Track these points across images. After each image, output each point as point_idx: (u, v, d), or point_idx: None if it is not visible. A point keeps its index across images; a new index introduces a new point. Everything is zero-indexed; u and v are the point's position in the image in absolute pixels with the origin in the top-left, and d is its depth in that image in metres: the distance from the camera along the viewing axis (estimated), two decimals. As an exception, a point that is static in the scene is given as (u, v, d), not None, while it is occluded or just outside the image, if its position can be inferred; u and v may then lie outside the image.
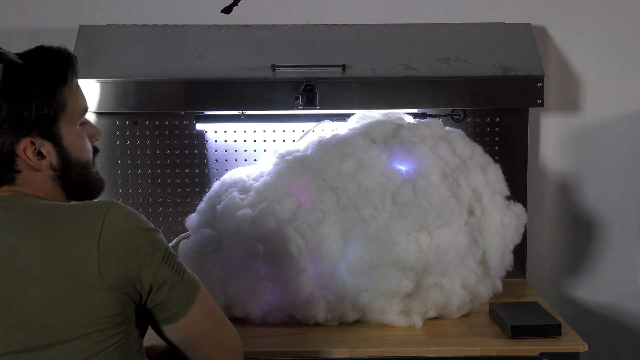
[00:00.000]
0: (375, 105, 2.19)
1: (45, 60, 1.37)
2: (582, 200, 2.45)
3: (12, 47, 2.34)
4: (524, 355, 1.79)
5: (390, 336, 1.88)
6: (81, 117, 1.42)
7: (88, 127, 1.45)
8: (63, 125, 1.37)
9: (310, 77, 2.15)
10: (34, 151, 1.36)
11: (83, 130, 1.43)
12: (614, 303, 2.49)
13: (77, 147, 1.40)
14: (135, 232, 1.31)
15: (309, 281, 1.90)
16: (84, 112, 1.42)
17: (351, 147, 2.00)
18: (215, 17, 2.12)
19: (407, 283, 1.90)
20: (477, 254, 2.00)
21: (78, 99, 1.41)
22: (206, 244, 2.01)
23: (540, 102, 2.21)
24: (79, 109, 1.41)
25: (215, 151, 2.34)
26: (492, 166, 2.08)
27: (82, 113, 1.42)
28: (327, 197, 1.95)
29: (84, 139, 1.43)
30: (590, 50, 2.39)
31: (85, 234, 1.27)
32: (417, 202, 1.92)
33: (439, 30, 2.31)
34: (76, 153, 1.40)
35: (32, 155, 1.36)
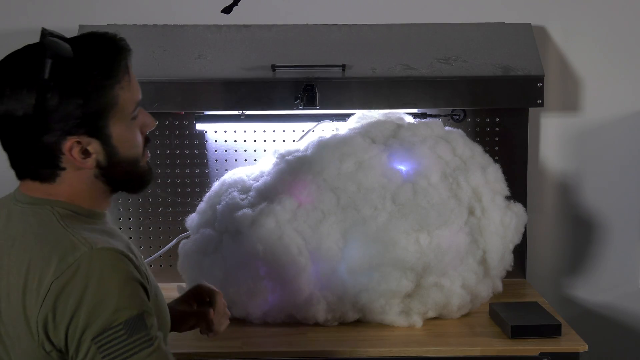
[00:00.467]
0: (375, 105, 2.19)
1: (97, 52, 1.27)
2: (582, 200, 2.45)
3: (12, 48, 2.35)
4: (524, 355, 1.79)
5: (390, 336, 1.88)
6: (134, 111, 1.31)
7: (140, 117, 1.34)
8: (113, 123, 1.28)
9: (310, 77, 2.15)
10: (80, 150, 1.27)
11: (135, 122, 1.32)
12: (614, 303, 2.48)
13: (126, 144, 1.31)
14: (80, 299, 1.19)
15: (309, 281, 1.90)
16: (136, 105, 1.32)
17: (351, 147, 2.00)
18: (215, 17, 2.12)
19: (407, 283, 1.90)
20: (477, 254, 2.00)
21: (130, 92, 1.30)
22: (206, 244, 2.01)
23: (540, 102, 2.21)
24: (131, 103, 1.30)
25: (215, 151, 2.34)
26: (492, 166, 2.08)
27: (135, 107, 1.32)
28: (327, 197, 1.95)
29: (135, 132, 1.32)
30: (590, 50, 2.39)
31: (38, 281, 1.22)
32: (417, 202, 1.92)
33: (439, 30, 2.31)
34: (125, 150, 1.31)
35: (78, 155, 1.27)
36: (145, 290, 1.25)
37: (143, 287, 1.24)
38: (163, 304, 1.39)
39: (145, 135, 1.36)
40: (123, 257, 1.23)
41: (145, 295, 1.24)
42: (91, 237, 1.25)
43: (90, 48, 1.27)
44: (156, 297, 1.34)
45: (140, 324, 1.21)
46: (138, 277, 1.24)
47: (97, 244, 1.23)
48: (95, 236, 1.26)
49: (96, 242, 1.24)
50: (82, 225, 1.29)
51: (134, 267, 1.24)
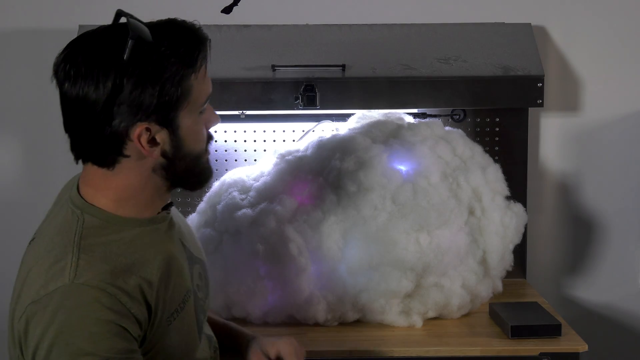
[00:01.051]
0: (375, 105, 2.19)
1: (177, 40, 1.24)
2: (582, 200, 2.45)
3: (12, 47, 2.35)
4: (524, 355, 1.79)
5: (390, 336, 1.88)
6: (204, 105, 1.29)
7: (207, 112, 1.31)
8: (184, 114, 1.25)
9: (310, 77, 2.15)
10: (148, 138, 1.23)
11: (202, 116, 1.30)
12: (614, 303, 2.49)
13: (193, 138, 1.28)
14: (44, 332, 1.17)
15: (309, 281, 1.90)
16: (207, 98, 1.29)
17: (351, 147, 2.00)
18: (215, 17, 2.12)
19: (407, 283, 1.90)
20: (477, 254, 2.00)
21: (204, 85, 1.27)
22: (206, 244, 2.01)
23: (540, 102, 2.21)
24: (203, 95, 1.28)
25: (215, 151, 2.34)
26: (492, 166, 2.08)
27: (206, 101, 1.29)
28: (327, 197, 1.95)
29: (201, 127, 1.30)
30: (590, 50, 2.39)
31: (25, 297, 1.22)
32: (417, 202, 1.92)
33: (439, 30, 2.31)
34: (190, 143, 1.28)
35: (146, 143, 1.23)
36: (127, 330, 1.20)
37: (124, 327, 1.19)
38: (184, 330, 1.34)
39: (209, 132, 1.33)
40: (104, 295, 1.18)
41: (123, 337, 1.19)
42: (91, 262, 1.21)
43: (170, 35, 1.25)
44: (172, 323, 1.30)
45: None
46: (115, 318, 1.18)
47: (81, 277, 1.18)
48: (97, 263, 1.21)
49: (84, 273, 1.19)
50: (106, 239, 1.25)
51: (120, 305, 1.19)
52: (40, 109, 2.36)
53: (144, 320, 1.24)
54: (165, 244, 1.33)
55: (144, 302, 1.24)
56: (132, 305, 1.22)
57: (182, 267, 1.36)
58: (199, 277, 1.44)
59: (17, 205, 2.40)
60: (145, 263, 1.28)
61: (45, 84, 2.35)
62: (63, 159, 2.35)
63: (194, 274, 1.41)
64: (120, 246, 1.26)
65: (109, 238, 1.26)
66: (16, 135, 2.39)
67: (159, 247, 1.32)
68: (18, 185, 2.40)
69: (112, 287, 1.20)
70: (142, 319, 1.23)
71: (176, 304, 1.32)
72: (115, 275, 1.21)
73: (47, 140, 2.38)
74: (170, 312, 1.30)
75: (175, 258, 1.34)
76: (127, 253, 1.26)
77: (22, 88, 2.36)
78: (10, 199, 2.40)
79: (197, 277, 1.43)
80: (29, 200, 2.38)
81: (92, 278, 1.19)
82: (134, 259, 1.26)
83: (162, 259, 1.30)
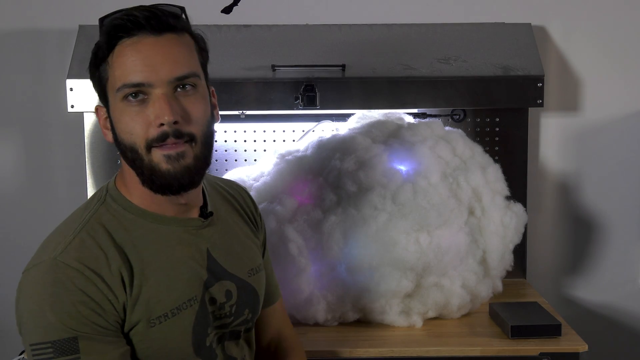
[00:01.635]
0: (375, 105, 2.19)
1: (105, 28, 1.26)
2: (582, 200, 2.45)
3: (12, 48, 2.35)
4: (524, 355, 1.79)
5: (390, 336, 1.88)
6: (119, 91, 1.24)
7: (149, 106, 1.24)
8: (111, 99, 1.26)
9: (310, 77, 2.15)
10: (103, 118, 1.31)
11: (129, 107, 1.24)
12: (614, 303, 2.49)
13: (120, 126, 1.26)
14: (20, 305, 1.25)
15: (309, 281, 1.90)
16: (122, 87, 1.24)
17: (351, 147, 2.00)
18: (215, 17, 2.12)
19: (407, 283, 1.90)
20: (477, 254, 2.00)
21: (118, 71, 1.24)
22: (206, 244, 2.01)
23: (540, 102, 2.21)
24: (116, 82, 1.24)
25: (215, 151, 2.33)
26: (492, 166, 2.08)
27: (121, 88, 1.24)
28: (327, 197, 1.95)
29: (128, 118, 1.24)
30: (590, 50, 2.39)
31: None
32: (417, 202, 1.92)
33: (439, 30, 2.31)
34: (120, 132, 1.26)
35: (102, 122, 1.31)
36: (99, 314, 1.23)
37: (95, 311, 1.22)
38: (167, 332, 1.32)
39: (164, 129, 1.24)
40: (79, 276, 1.22)
41: (93, 320, 1.22)
42: (83, 243, 1.25)
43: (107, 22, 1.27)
44: (152, 321, 1.29)
45: (71, 347, 1.21)
46: (86, 300, 1.21)
47: (66, 255, 1.22)
48: (89, 245, 1.25)
49: (71, 252, 1.23)
50: (116, 224, 1.29)
51: (95, 290, 1.22)
52: (40, 109, 2.36)
53: (120, 308, 1.25)
54: (178, 246, 1.33)
55: (123, 293, 1.26)
56: (108, 292, 1.24)
57: (192, 275, 1.34)
58: (225, 294, 1.39)
59: (17, 205, 2.40)
60: (142, 258, 1.28)
61: (45, 84, 2.37)
62: (63, 159, 2.37)
63: (214, 289, 1.37)
64: (125, 236, 1.28)
65: (118, 225, 1.29)
66: (16, 135, 2.39)
67: (168, 248, 1.32)
68: (18, 185, 2.40)
69: (89, 271, 1.23)
70: (118, 307, 1.25)
71: (166, 308, 1.30)
72: (99, 260, 1.25)
73: (47, 140, 2.38)
74: (157, 315, 1.29)
75: (184, 263, 1.33)
76: (126, 243, 1.28)
77: (22, 88, 2.37)
78: (10, 198, 2.40)
79: (221, 293, 1.38)
80: (29, 200, 2.39)
81: (75, 258, 1.23)
82: (131, 250, 1.28)
83: (166, 259, 1.30)
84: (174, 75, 1.24)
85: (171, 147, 1.24)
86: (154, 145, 1.24)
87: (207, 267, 1.36)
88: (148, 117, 1.23)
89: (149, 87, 1.23)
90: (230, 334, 1.42)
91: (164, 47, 1.24)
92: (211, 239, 1.38)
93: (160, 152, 1.24)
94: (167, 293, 1.30)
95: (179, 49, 1.26)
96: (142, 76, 1.23)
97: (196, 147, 1.27)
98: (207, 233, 1.38)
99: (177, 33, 1.27)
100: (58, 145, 2.37)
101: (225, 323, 1.40)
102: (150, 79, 1.23)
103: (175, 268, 1.31)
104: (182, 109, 1.25)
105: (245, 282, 1.44)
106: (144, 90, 1.23)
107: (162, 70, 1.23)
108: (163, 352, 1.31)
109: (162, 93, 1.23)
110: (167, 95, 1.23)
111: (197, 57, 1.30)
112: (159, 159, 1.25)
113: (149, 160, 1.25)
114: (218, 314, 1.38)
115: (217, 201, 1.46)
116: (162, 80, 1.23)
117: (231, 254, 1.42)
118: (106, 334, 1.24)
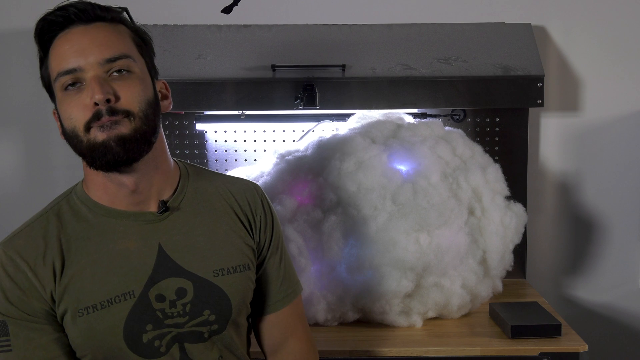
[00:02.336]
0: (375, 105, 2.19)
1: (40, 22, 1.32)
2: (582, 200, 2.45)
3: (12, 47, 2.35)
4: (524, 355, 1.79)
5: (390, 336, 1.88)
6: (56, 81, 1.30)
7: (84, 90, 1.29)
8: (56, 91, 1.31)
9: (310, 77, 2.15)
10: (56, 114, 1.35)
11: (71, 94, 1.29)
12: (614, 303, 2.49)
13: (62, 117, 1.31)
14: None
15: (309, 281, 1.90)
16: (57, 76, 1.29)
17: (351, 147, 2.00)
18: (215, 17, 2.12)
19: (407, 283, 1.90)
20: (477, 254, 2.00)
21: (54, 62, 1.30)
22: (206, 244, 2.01)
23: (540, 102, 2.21)
24: (53, 72, 1.31)
25: (215, 151, 2.34)
26: (492, 166, 2.08)
27: (57, 77, 1.29)
28: (328, 197, 1.95)
29: (67, 104, 1.29)
30: (590, 50, 2.39)
31: None
32: (417, 202, 1.92)
33: (439, 30, 2.31)
34: (63, 121, 1.31)
35: (58, 122, 1.34)
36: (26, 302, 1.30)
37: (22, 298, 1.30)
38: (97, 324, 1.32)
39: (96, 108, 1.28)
40: (10, 264, 1.31)
41: (20, 307, 1.30)
42: (29, 233, 1.34)
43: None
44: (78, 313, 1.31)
45: (2, 330, 1.30)
46: (12, 287, 1.30)
47: (7, 242, 1.33)
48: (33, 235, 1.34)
49: (13, 240, 1.34)
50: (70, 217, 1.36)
51: (24, 278, 1.30)
52: (40, 109, 2.36)
53: (47, 297, 1.31)
54: (124, 239, 1.34)
55: (52, 282, 1.31)
56: (35, 281, 1.30)
57: (132, 268, 1.33)
58: (176, 292, 1.36)
59: (17, 205, 2.40)
60: (83, 249, 1.32)
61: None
62: (63, 159, 2.37)
63: (161, 284, 1.34)
64: (75, 227, 1.34)
65: (72, 217, 1.36)
66: (16, 135, 2.39)
67: (113, 240, 1.34)
68: (18, 185, 2.40)
69: (21, 260, 1.31)
70: (46, 296, 1.31)
71: (95, 300, 1.31)
72: (37, 250, 1.32)
73: (47, 140, 2.38)
74: (84, 305, 1.30)
75: (125, 257, 1.34)
76: (72, 234, 1.34)
77: (22, 88, 2.37)
78: (10, 198, 2.40)
79: (170, 290, 1.35)
80: (29, 200, 2.38)
81: (12, 245, 1.33)
82: (75, 242, 1.33)
83: (106, 251, 1.33)
84: (103, 57, 1.28)
85: (105, 120, 1.28)
86: (91, 125, 1.28)
87: (156, 263, 1.35)
88: (84, 100, 1.28)
89: (80, 72, 1.28)
90: (189, 335, 1.37)
91: (93, 33, 1.30)
92: (168, 234, 1.37)
93: (95, 128, 1.28)
94: (100, 285, 1.31)
95: (108, 34, 1.31)
96: (73, 62, 1.28)
97: (134, 122, 1.30)
98: (164, 227, 1.37)
99: (109, 22, 1.32)
100: (58, 145, 2.37)
101: (179, 322, 1.36)
102: (80, 62, 1.28)
103: (114, 261, 1.33)
104: (115, 89, 1.29)
105: (207, 281, 1.38)
106: (78, 76, 1.28)
107: (90, 54, 1.28)
108: (92, 342, 1.32)
109: (93, 75, 1.28)
110: (99, 76, 1.28)
111: (132, 45, 1.34)
112: (95, 133, 1.28)
113: (88, 140, 1.29)
114: (169, 312, 1.35)
115: (206, 196, 1.45)
116: (91, 63, 1.28)
117: (193, 251, 1.39)
118: (33, 321, 1.30)
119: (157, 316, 1.33)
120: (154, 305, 1.33)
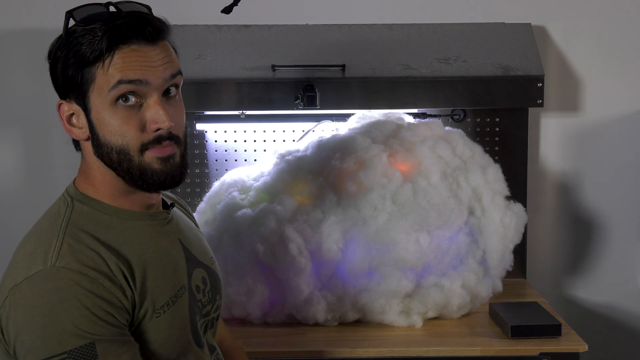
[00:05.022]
0: (375, 105, 2.19)
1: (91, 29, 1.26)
2: (582, 200, 2.45)
3: (12, 47, 2.35)
4: (524, 355, 1.79)
5: (390, 336, 1.88)
6: (114, 89, 1.24)
7: (144, 110, 1.26)
8: (94, 98, 1.25)
9: (310, 77, 2.15)
10: (67, 114, 1.29)
11: (118, 109, 1.25)
12: (614, 303, 2.49)
13: (106, 128, 1.26)
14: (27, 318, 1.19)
15: (309, 281, 1.90)
16: (112, 86, 1.24)
17: (351, 147, 2.00)
18: (215, 17, 2.12)
19: (407, 283, 1.90)
20: (477, 254, 2.00)
21: (110, 72, 1.24)
22: (206, 244, 2.01)
23: (540, 102, 2.21)
24: (106, 85, 1.24)
25: (215, 151, 2.34)
26: (492, 166, 2.08)
27: (113, 87, 1.24)
28: (327, 197, 1.95)
29: (118, 120, 1.25)
30: (590, 50, 2.39)
31: (5, 283, 1.24)
32: (417, 202, 1.92)
33: (439, 30, 2.31)
34: (105, 134, 1.26)
35: (65, 118, 1.29)
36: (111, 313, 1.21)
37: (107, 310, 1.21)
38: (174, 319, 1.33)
39: (159, 132, 1.26)
40: (84, 278, 1.20)
41: (107, 320, 1.20)
42: (74, 247, 1.23)
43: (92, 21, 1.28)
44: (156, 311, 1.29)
45: (89, 354, 1.18)
46: (97, 301, 1.19)
47: (62, 261, 1.20)
48: (81, 248, 1.23)
49: (66, 256, 1.21)
50: (94, 226, 1.27)
51: (102, 289, 1.21)
52: (40, 109, 2.36)
53: (128, 305, 1.25)
54: (158, 238, 1.35)
55: (128, 287, 1.26)
56: (115, 290, 1.23)
57: (177, 263, 1.36)
58: (202, 281, 1.43)
59: (17, 205, 2.40)
60: (132, 251, 1.29)
61: (45, 84, 2.37)
62: (63, 159, 2.37)
63: (194, 276, 1.41)
64: (107, 235, 1.28)
65: (97, 226, 1.29)
66: (16, 135, 2.39)
67: (150, 240, 1.33)
68: (18, 185, 2.40)
69: (93, 271, 1.21)
70: (127, 304, 1.25)
71: (167, 297, 1.31)
72: (96, 260, 1.24)
73: (47, 140, 2.38)
74: (160, 304, 1.30)
75: (168, 254, 1.35)
76: (112, 241, 1.28)
77: (22, 88, 2.37)
78: (10, 198, 2.40)
79: (200, 280, 1.42)
80: (29, 200, 2.39)
81: (73, 262, 1.21)
82: (120, 247, 1.28)
83: (153, 250, 1.32)
84: (169, 73, 1.29)
85: (165, 148, 1.28)
86: (147, 147, 1.27)
87: (185, 256, 1.39)
88: (142, 120, 1.26)
89: (143, 85, 1.26)
90: (211, 322, 1.45)
91: (159, 48, 1.30)
92: (179, 229, 1.42)
93: (153, 154, 1.28)
94: (164, 282, 1.31)
95: (169, 50, 1.32)
96: (140, 74, 1.25)
97: (181, 148, 1.32)
98: (174, 224, 1.41)
99: (166, 40, 1.33)
100: (58, 145, 2.37)
101: (208, 310, 1.43)
102: (147, 76, 1.26)
103: (163, 258, 1.33)
104: (173, 114, 1.29)
105: (211, 268, 1.47)
106: (139, 89, 1.26)
107: (157, 69, 1.27)
108: (170, 340, 1.31)
109: (157, 98, 1.27)
110: (162, 101, 1.28)
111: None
112: (151, 159, 1.28)
113: (140, 162, 1.27)
114: (204, 300, 1.42)
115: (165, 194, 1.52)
116: (158, 78, 1.27)
117: (197, 242, 1.47)
118: (120, 334, 1.23)
119: (199, 306, 1.40)
120: (196, 296, 1.39)
